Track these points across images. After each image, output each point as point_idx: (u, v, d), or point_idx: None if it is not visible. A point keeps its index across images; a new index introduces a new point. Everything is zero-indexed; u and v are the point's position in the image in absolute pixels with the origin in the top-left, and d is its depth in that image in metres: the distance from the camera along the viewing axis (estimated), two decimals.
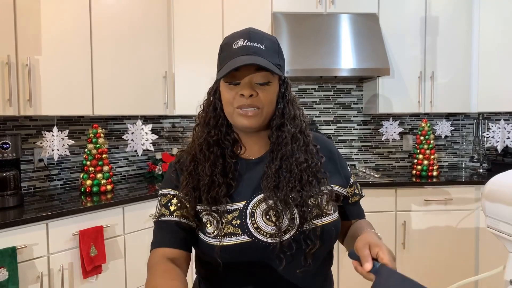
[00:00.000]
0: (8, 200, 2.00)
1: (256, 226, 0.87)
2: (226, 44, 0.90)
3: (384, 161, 3.37)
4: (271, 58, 0.87)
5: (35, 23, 2.09)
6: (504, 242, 0.86)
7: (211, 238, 0.87)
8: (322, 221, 0.90)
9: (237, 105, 0.87)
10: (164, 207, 0.93)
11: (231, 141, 0.94)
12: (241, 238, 0.86)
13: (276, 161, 0.90)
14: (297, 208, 0.88)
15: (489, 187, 0.88)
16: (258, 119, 0.88)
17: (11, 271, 1.69)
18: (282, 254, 0.86)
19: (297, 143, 0.91)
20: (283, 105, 0.92)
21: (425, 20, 2.93)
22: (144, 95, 2.63)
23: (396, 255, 2.60)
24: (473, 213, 2.67)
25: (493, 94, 2.90)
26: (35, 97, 2.09)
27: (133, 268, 2.22)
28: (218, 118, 0.93)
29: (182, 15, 2.80)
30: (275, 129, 0.92)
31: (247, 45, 0.86)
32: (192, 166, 0.92)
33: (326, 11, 2.90)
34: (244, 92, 0.85)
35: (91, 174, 2.37)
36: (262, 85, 0.87)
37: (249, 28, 0.90)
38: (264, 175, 0.91)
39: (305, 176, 0.90)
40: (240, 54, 0.85)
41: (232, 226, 0.87)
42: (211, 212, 0.88)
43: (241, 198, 0.90)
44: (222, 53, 0.91)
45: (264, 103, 0.88)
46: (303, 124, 0.95)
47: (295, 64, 2.70)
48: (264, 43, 0.88)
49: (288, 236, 0.87)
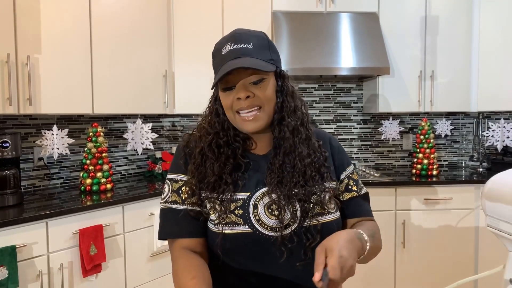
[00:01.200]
0: (8, 199, 2.00)
1: (258, 218, 0.88)
2: (216, 51, 0.90)
3: (384, 160, 3.37)
4: (260, 55, 0.87)
5: (35, 22, 2.09)
6: (504, 241, 0.85)
7: (214, 226, 0.89)
8: (324, 219, 0.90)
9: (237, 109, 0.88)
10: (176, 193, 0.94)
11: (241, 141, 0.94)
12: (242, 228, 0.88)
13: (279, 156, 0.90)
14: (299, 203, 0.89)
15: (489, 186, 0.88)
16: (261, 119, 0.88)
17: (10, 270, 1.69)
18: (283, 247, 0.87)
19: (298, 136, 0.91)
20: (282, 98, 0.92)
21: (425, 19, 2.92)
22: (144, 94, 2.62)
23: (395, 254, 2.63)
24: (472, 212, 2.67)
25: (493, 93, 2.90)
26: (35, 95, 2.09)
27: (133, 266, 2.22)
28: (223, 122, 0.93)
29: (182, 14, 2.80)
30: (276, 123, 0.92)
31: (234, 48, 0.86)
32: (199, 160, 0.92)
33: (326, 10, 2.90)
34: (239, 95, 0.86)
35: (91, 173, 2.37)
36: (256, 84, 0.87)
37: (235, 30, 0.90)
38: (268, 171, 0.92)
39: (308, 172, 0.90)
40: (229, 59, 0.86)
41: (234, 215, 0.88)
42: (215, 200, 0.89)
43: (246, 190, 0.91)
44: (214, 61, 0.92)
45: (263, 101, 0.88)
46: (304, 117, 0.94)
47: (295, 63, 2.70)
48: (252, 42, 0.87)
49: (290, 230, 0.88)
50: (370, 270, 2.56)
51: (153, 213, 2.30)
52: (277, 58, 0.92)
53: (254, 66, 0.83)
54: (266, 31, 2.86)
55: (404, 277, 2.66)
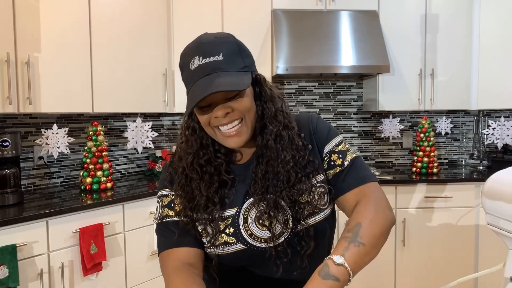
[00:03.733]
0: (8, 198, 2.00)
1: (250, 233, 0.86)
2: (184, 63, 0.83)
3: (384, 158, 3.37)
4: (233, 65, 0.80)
5: (34, 20, 2.09)
6: (504, 239, 0.85)
7: (207, 248, 0.88)
8: (315, 219, 0.88)
9: (216, 125, 0.83)
10: (167, 207, 0.91)
11: (223, 156, 0.89)
12: (236, 247, 0.86)
13: (262, 166, 0.86)
14: (289, 209, 0.86)
15: (489, 184, 0.88)
16: (244, 133, 0.84)
17: (11, 269, 1.69)
18: (278, 260, 0.86)
19: (281, 143, 0.86)
20: (261, 105, 0.87)
21: (425, 17, 2.92)
22: (144, 93, 2.62)
23: (396, 253, 2.63)
24: (473, 211, 2.67)
25: (493, 91, 2.90)
26: (35, 94, 2.09)
27: (133, 265, 2.23)
28: (201, 139, 0.88)
29: (182, 12, 2.80)
30: (258, 132, 0.87)
31: (203, 63, 0.79)
32: (183, 180, 0.89)
33: (326, 8, 2.89)
34: (217, 114, 0.80)
35: (91, 172, 2.37)
36: (234, 98, 0.81)
37: (200, 38, 0.82)
38: (251, 181, 0.88)
39: (293, 175, 0.86)
40: (199, 76, 0.79)
41: (226, 235, 0.86)
42: (204, 222, 0.87)
43: (233, 205, 0.88)
44: (183, 75, 0.85)
45: (243, 113, 0.82)
46: (285, 119, 0.88)
47: (295, 61, 2.70)
48: (221, 52, 0.79)
49: (283, 239, 0.86)
50: (370, 268, 2.55)
51: (153, 211, 2.30)
52: (250, 62, 0.85)
53: (229, 88, 0.76)
54: (266, 29, 2.85)
55: (404, 275, 2.67)
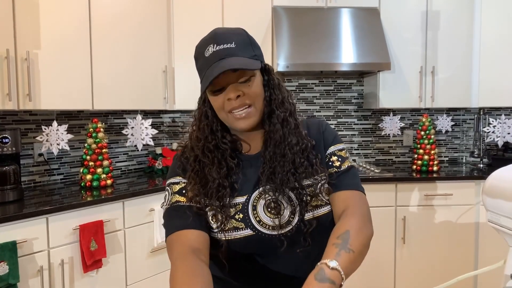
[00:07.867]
0: (8, 195, 2.00)
1: (258, 219, 0.90)
2: (198, 53, 0.91)
3: (384, 156, 3.36)
4: (244, 53, 0.88)
5: (34, 17, 2.08)
6: (504, 236, 0.86)
7: (216, 233, 0.90)
8: (320, 212, 0.92)
9: (228, 109, 0.89)
10: (178, 194, 0.93)
11: (228, 143, 0.95)
12: (244, 232, 0.89)
13: (270, 148, 0.92)
14: (293, 191, 0.90)
15: (489, 182, 0.88)
16: (253, 116, 0.90)
17: (11, 265, 1.69)
18: (284, 248, 0.89)
19: (288, 127, 0.93)
20: (269, 92, 0.94)
21: (426, 14, 2.91)
22: (144, 90, 2.62)
23: (396, 250, 2.64)
24: (473, 208, 2.68)
25: (494, 89, 2.89)
26: (34, 91, 2.08)
27: (133, 262, 2.23)
28: (211, 124, 0.94)
29: (182, 9, 2.79)
30: (266, 117, 0.93)
31: (217, 49, 0.86)
32: (197, 166, 0.93)
33: (327, 5, 2.88)
34: (230, 96, 0.87)
35: (91, 169, 2.37)
36: (245, 82, 0.88)
37: (214, 30, 0.91)
38: (261, 165, 0.93)
39: (297, 159, 0.91)
40: (213, 61, 0.86)
41: (235, 220, 0.90)
42: (215, 208, 0.89)
43: (243, 193, 0.92)
44: (197, 64, 0.92)
45: (253, 98, 0.89)
46: (292, 107, 0.96)
47: (295, 58, 2.69)
48: (234, 41, 0.88)
49: (290, 227, 0.90)
50: (370, 265, 2.57)
51: (153, 208, 2.30)
52: (260, 53, 0.93)
53: (242, 67, 0.84)
54: (267, 26, 2.85)
55: (404, 273, 2.67)
